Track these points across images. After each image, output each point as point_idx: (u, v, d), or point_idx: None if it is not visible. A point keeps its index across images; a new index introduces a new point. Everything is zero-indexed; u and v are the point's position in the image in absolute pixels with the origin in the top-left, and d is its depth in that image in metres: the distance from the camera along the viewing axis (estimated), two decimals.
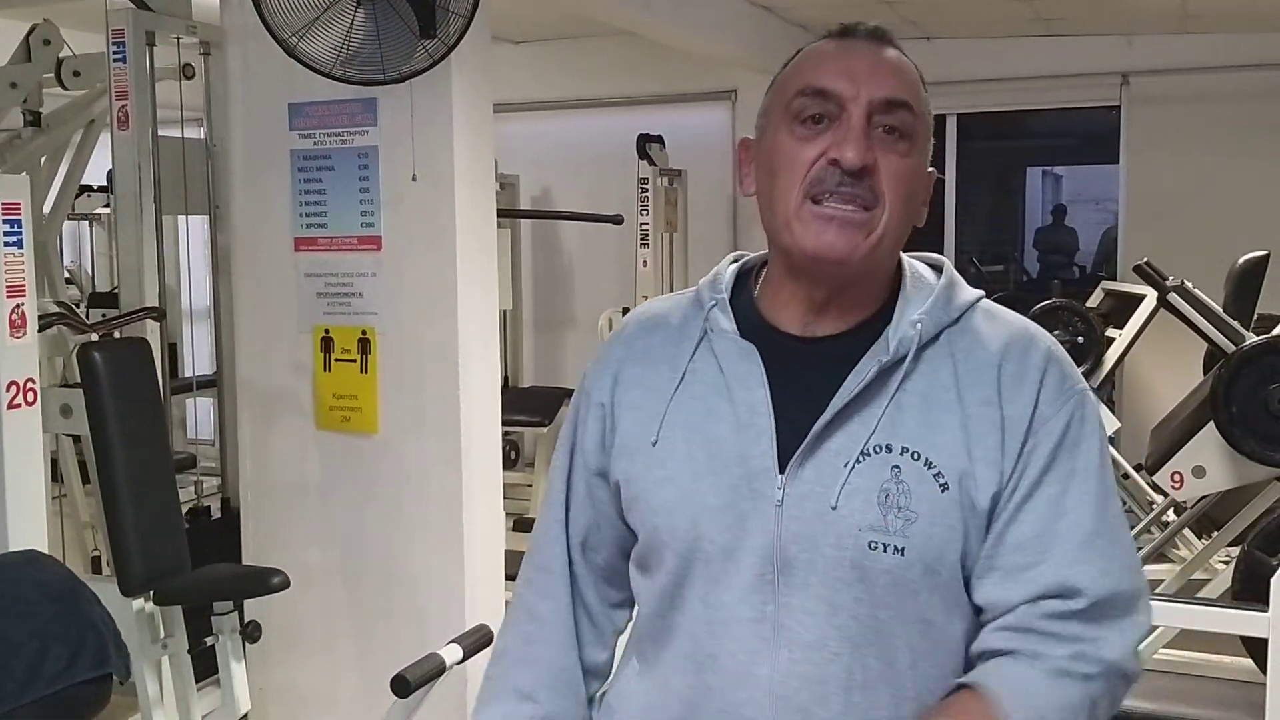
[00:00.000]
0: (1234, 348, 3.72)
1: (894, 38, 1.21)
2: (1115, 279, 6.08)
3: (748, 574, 1.16)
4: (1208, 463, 3.72)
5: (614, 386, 1.28)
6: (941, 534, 1.13)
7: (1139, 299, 5.05)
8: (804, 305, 1.21)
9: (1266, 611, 2.33)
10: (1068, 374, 1.19)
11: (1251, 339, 3.75)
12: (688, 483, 1.19)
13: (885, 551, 1.12)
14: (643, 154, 6.29)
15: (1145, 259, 4.21)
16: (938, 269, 1.24)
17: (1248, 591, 3.50)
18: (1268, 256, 4.38)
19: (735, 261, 1.30)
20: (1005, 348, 1.18)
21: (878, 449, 1.14)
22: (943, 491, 1.13)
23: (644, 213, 6.31)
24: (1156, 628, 3.81)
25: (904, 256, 1.23)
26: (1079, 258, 9.11)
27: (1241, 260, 4.39)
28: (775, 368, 1.19)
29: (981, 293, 1.24)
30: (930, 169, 1.22)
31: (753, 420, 1.18)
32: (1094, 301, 5.59)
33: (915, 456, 1.13)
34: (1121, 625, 1.16)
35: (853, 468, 1.14)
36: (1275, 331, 3.85)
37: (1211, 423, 3.62)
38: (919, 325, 1.16)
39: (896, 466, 1.13)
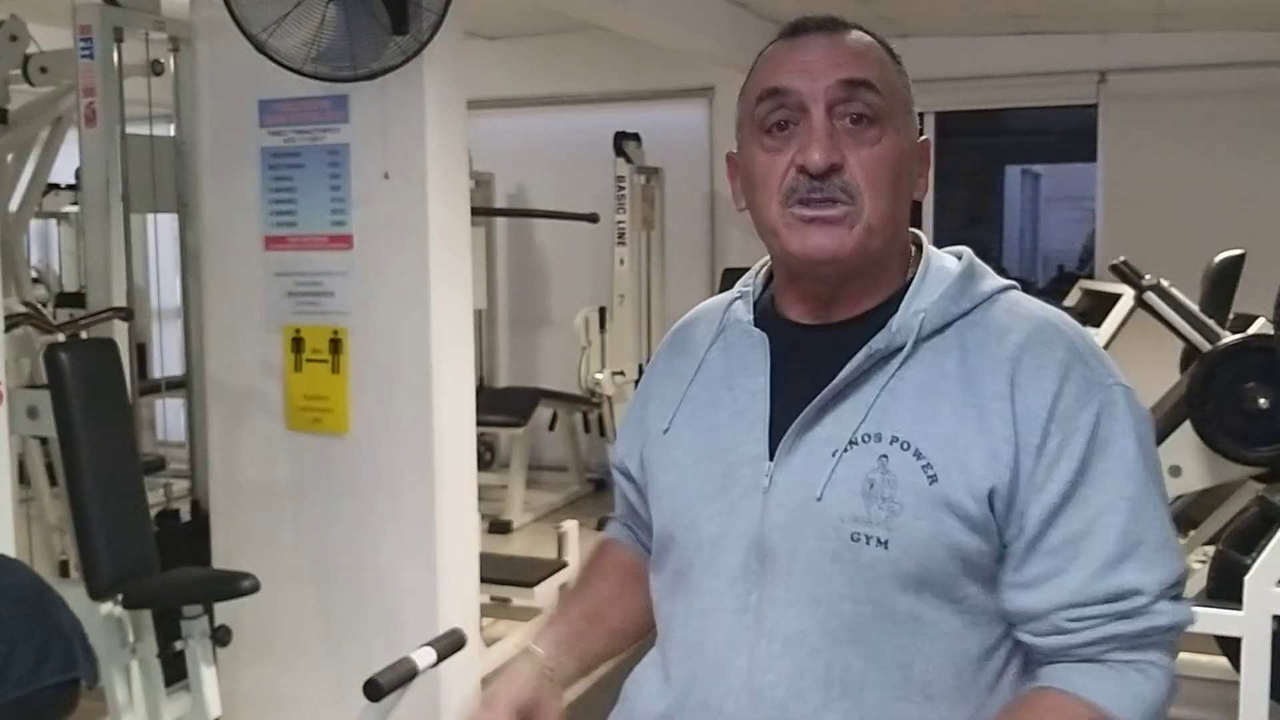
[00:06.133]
0: (1210, 346, 3.72)
1: (849, 23, 1.20)
2: (1092, 277, 6.09)
3: (734, 562, 1.16)
4: (1183, 462, 3.72)
5: (650, 375, 1.35)
6: (927, 527, 1.09)
7: (1116, 298, 5.05)
8: (812, 302, 1.21)
9: (1240, 611, 2.33)
10: (1094, 368, 1.13)
11: (1227, 338, 3.75)
12: (687, 469, 1.21)
13: (868, 544, 1.10)
14: (619, 151, 6.26)
15: (1122, 258, 4.21)
16: (960, 259, 1.22)
17: (1222, 591, 3.49)
18: (1243, 255, 4.38)
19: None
20: (1025, 340, 1.13)
21: (866, 438, 1.12)
22: (930, 484, 1.09)
23: (621, 210, 6.28)
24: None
25: (929, 248, 1.22)
26: (1064, 257, 8.93)
27: (1217, 259, 4.39)
28: (783, 357, 1.20)
29: (1009, 283, 1.22)
30: (923, 138, 1.22)
31: (750, 407, 1.19)
32: (1071, 300, 5.59)
33: (905, 446, 1.10)
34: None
35: (840, 457, 1.12)
36: (1250, 330, 3.85)
37: (1187, 421, 3.63)
38: (921, 315, 1.14)
39: (884, 455, 1.10)
